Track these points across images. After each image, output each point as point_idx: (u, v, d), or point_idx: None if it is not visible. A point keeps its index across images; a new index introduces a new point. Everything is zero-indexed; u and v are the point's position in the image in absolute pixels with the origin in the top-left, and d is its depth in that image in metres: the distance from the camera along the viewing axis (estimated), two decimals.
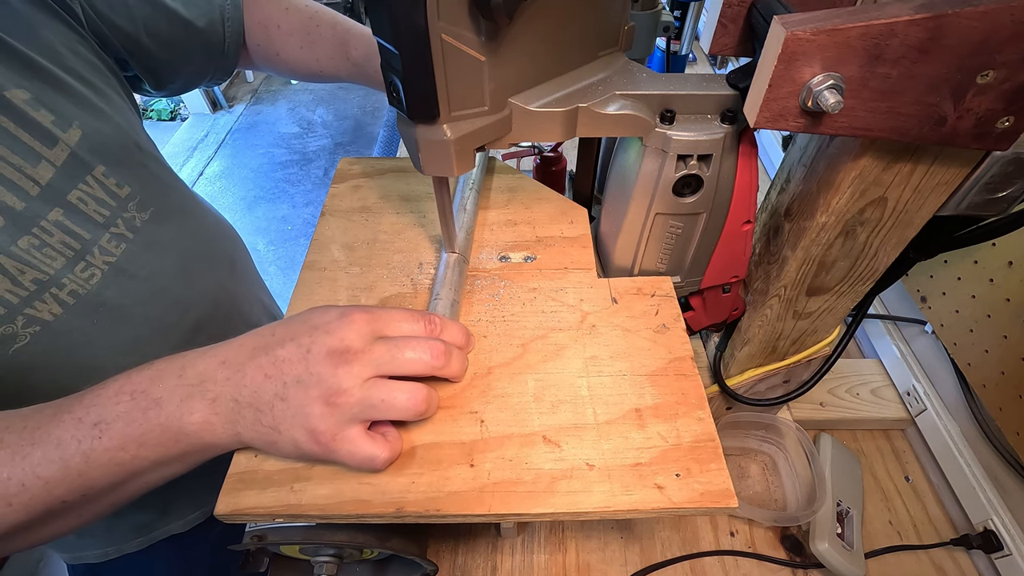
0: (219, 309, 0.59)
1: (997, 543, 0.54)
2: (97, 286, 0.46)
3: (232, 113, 3.10)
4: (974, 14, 0.26)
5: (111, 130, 0.47)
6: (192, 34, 0.54)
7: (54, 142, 0.42)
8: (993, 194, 0.36)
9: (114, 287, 0.47)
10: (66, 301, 0.44)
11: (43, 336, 0.43)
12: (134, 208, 0.49)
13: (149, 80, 0.54)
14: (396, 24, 0.29)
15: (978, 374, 0.57)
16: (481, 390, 0.39)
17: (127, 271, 0.48)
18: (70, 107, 0.43)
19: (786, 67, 0.29)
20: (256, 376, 0.32)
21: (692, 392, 0.39)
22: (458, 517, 0.34)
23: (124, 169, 0.48)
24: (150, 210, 0.50)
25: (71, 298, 0.44)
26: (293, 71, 0.63)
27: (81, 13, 0.46)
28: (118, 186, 0.47)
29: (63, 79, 0.43)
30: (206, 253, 0.59)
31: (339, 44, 0.59)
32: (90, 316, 0.45)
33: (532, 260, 0.49)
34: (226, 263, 0.63)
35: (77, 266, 0.44)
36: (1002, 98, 0.29)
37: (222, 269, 0.62)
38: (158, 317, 0.51)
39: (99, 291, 0.46)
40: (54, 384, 0.44)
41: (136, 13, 0.50)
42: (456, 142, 0.35)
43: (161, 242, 0.51)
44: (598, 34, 0.39)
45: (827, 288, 0.46)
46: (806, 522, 0.57)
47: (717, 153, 0.39)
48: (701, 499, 0.34)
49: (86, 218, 0.45)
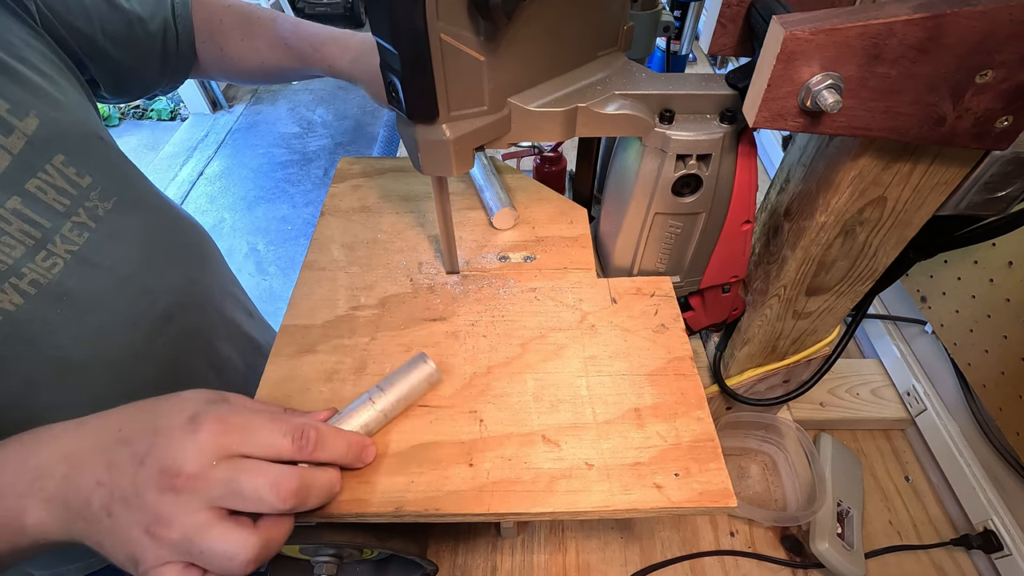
0: (190, 299, 0.58)
1: (997, 543, 0.54)
2: (59, 275, 0.45)
3: (232, 113, 3.10)
4: (973, 14, 0.26)
5: (70, 120, 0.46)
6: (147, 34, 0.54)
7: (9, 130, 0.41)
8: (992, 194, 0.36)
9: (77, 276, 0.46)
10: (27, 291, 0.43)
11: (3, 326, 0.42)
12: (96, 197, 0.48)
13: (106, 84, 0.54)
14: (395, 24, 0.29)
15: (978, 374, 0.57)
16: (480, 389, 0.40)
17: (90, 260, 0.47)
18: (26, 96, 0.43)
19: (785, 67, 0.29)
20: (89, 481, 0.29)
21: (691, 392, 0.39)
22: (457, 516, 0.34)
23: (85, 159, 0.47)
24: (112, 200, 0.49)
25: (32, 288, 0.43)
26: (239, 67, 0.62)
27: (36, 11, 0.46)
28: (79, 175, 0.46)
29: (17, 69, 0.43)
30: (174, 244, 0.58)
31: (274, 30, 0.60)
32: (53, 306, 0.45)
33: (532, 260, 0.49)
34: (196, 256, 0.62)
35: (38, 255, 0.43)
36: (1001, 97, 0.29)
37: (192, 261, 0.61)
38: (124, 306, 0.50)
39: (61, 280, 0.45)
40: (19, 376, 0.44)
41: (92, 13, 0.50)
42: (455, 142, 0.35)
43: (125, 231, 0.51)
44: (597, 34, 0.39)
45: (827, 288, 0.46)
46: (806, 522, 0.57)
47: (716, 153, 0.39)
48: (700, 499, 0.34)
49: (46, 207, 0.44)
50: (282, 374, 0.40)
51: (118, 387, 0.49)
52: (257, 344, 0.72)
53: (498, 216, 0.51)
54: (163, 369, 0.54)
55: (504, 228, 0.52)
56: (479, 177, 0.55)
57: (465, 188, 0.56)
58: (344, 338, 0.43)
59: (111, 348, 0.49)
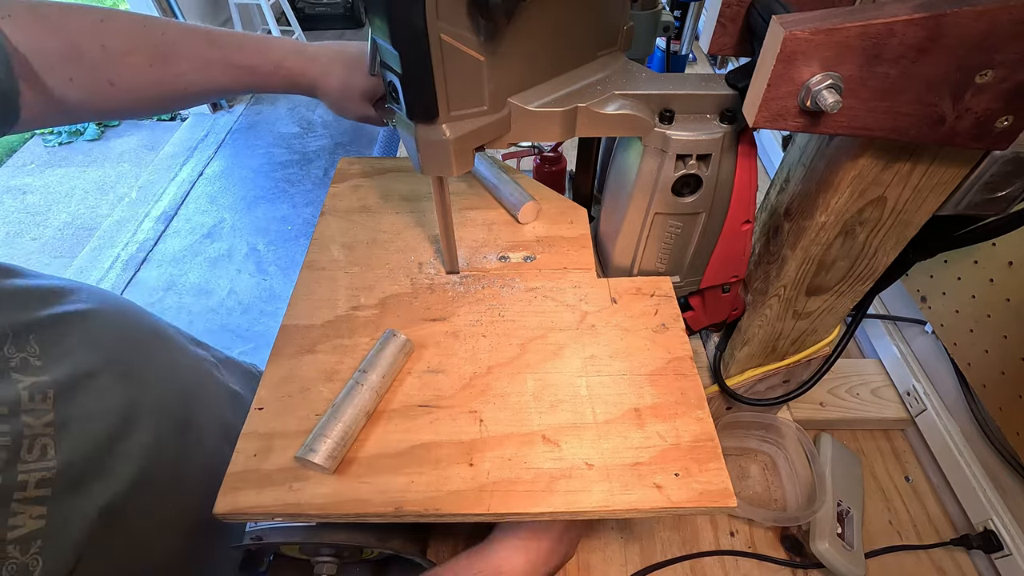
0: (189, 389, 0.50)
1: (997, 543, 0.54)
2: (61, 459, 0.36)
3: (232, 113, 3.10)
4: (972, 14, 0.26)
5: None
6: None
7: None
8: (992, 193, 0.36)
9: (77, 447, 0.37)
10: (43, 496, 0.34)
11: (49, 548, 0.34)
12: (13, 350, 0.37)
13: None
14: (395, 24, 0.29)
15: (978, 374, 0.57)
16: (480, 389, 0.40)
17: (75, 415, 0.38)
18: None
19: (785, 67, 0.29)
20: None
21: (691, 392, 0.39)
22: (457, 516, 0.34)
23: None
24: (31, 337, 0.38)
25: (44, 489, 0.34)
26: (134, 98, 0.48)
27: None
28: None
29: None
30: (134, 342, 0.47)
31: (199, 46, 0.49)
32: (76, 496, 0.36)
33: (532, 260, 0.49)
34: (152, 339, 0.51)
35: (21, 451, 0.34)
36: (1001, 97, 0.29)
37: (157, 348, 0.50)
38: (149, 432, 0.42)
39: (67, 463, 0.36)
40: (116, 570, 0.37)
41: None
42: (455, 142, 0.35)
43: (74, 355, 0.40)
44: (597, 34, 0.39)
45: (827, 288, 0.46)
46: (806, 522, 0.56)
47: (716, 153, 0.39)
48: (700, 499, 0.34)
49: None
50: (282, 374, 0.40)
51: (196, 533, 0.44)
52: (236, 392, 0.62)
53: (524, 211, 0.52)
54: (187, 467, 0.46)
55: (528, 222, 0.53)
56: (490, 176, 0.55)
57: (465, 188, 0.56)
58: (344, 338, 0.43)
59: (168, 482, 0.43)
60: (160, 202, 2.56)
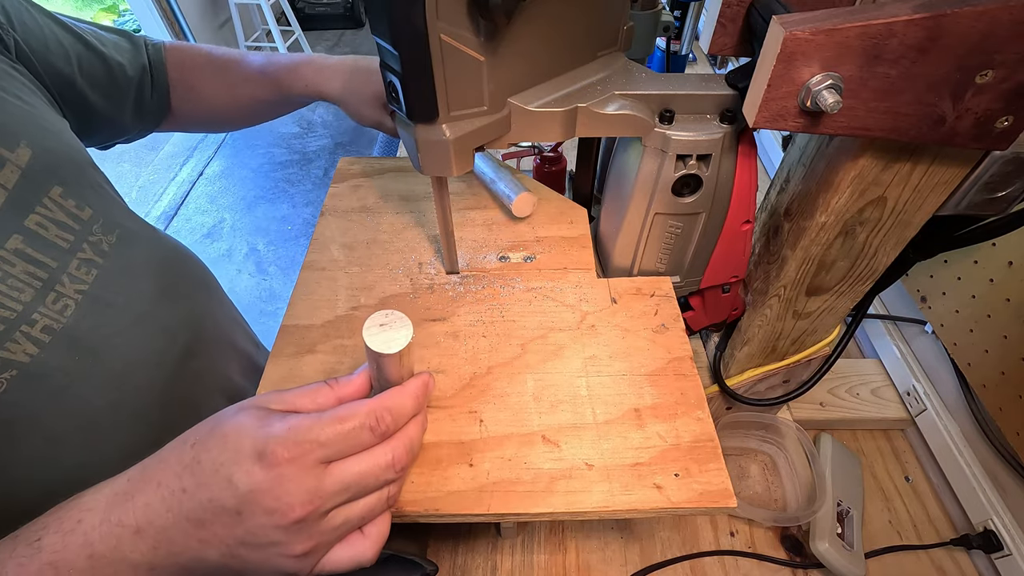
0: (205, 333, 0.55)
1: (997, 543, 0.54)
2: (72, 318, 0.41)
3: None
4: (973, 14, 0.26)
5: (62, 149, 0.43)
6: (125, 79, 0.53)
7: (2, 163, 0.38)
8: (993, 194, 0.36)
9: (91, 318, 0.42)
10: (40, 339, 0.39)
11: (20, 380, 0.38)
12: (99, 231, 0.44)
13: (74, 126, 0.49)
14: (395, 24, 0.29)
15: (978, 374, 0.57)
16: (480, 390, 0.40)
17: (103, 299, 0.43)
18: (14, 124, 0.40)
19: (785, 67, 0.29)
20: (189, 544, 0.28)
21: (691, 392, 0.39)
22: (457, 517, 0.34)
23: (82, 189, 0.44)
24: (116, 232, 0.46)
25: (45, 335, 0.39)
26: (211, 105, 0.60)
27: (13, 47, 0.44)
28: (78, 208, 0.43)
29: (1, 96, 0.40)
30: (181, 275, 0.55)
31: (244, 63, 0.59)
32: (70, 353, 0.41)
33: (532, 260, 0.49)
34: (202, 286, 0.59)
35: (47, 298, 0.40)
36: (1001, 98, 0.29)
37: (199, 292, 0.58)
38: (144, 346, 0.47)
39: (75, 323, 0.41)
40: (41, 435, 0.40)
41: (71, 54, 0.48)
42: (455, 142, 0.35)
43: (134, 265, 0.47)
44: (597, 34, 0.39)
45: (827, 288, 0.46)
46: (806, 522, 0.57)
47: (716, 153, 0.39)
48: (700, 499, 0.34)
49: (49, 244, 0.40)
50: (282, 374, 0.40)
51: (145, 436, 0.46)
52: None
53: (517, 202, 0.50)
54: (186, 410, 0.50)
55: (524, 215, 0.51)
56: (488, 171, 0.55)
57: (465, 188, 0.56)
58: (344, 338, 0.43)
59: (135, 393, 0.46)
60: (160, 202, 2.56)
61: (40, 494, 0.31)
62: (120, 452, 0.44)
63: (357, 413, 0.29)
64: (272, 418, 0.28)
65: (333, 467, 0.28)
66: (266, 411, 0.29)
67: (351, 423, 0.28)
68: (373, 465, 0.29)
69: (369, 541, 0.30)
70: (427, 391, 0.33)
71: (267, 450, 0.27)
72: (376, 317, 0.31)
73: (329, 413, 0.29)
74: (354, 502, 0.29)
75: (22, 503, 0.32)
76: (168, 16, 2.78)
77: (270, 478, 0.27)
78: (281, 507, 0.27)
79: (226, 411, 0.30)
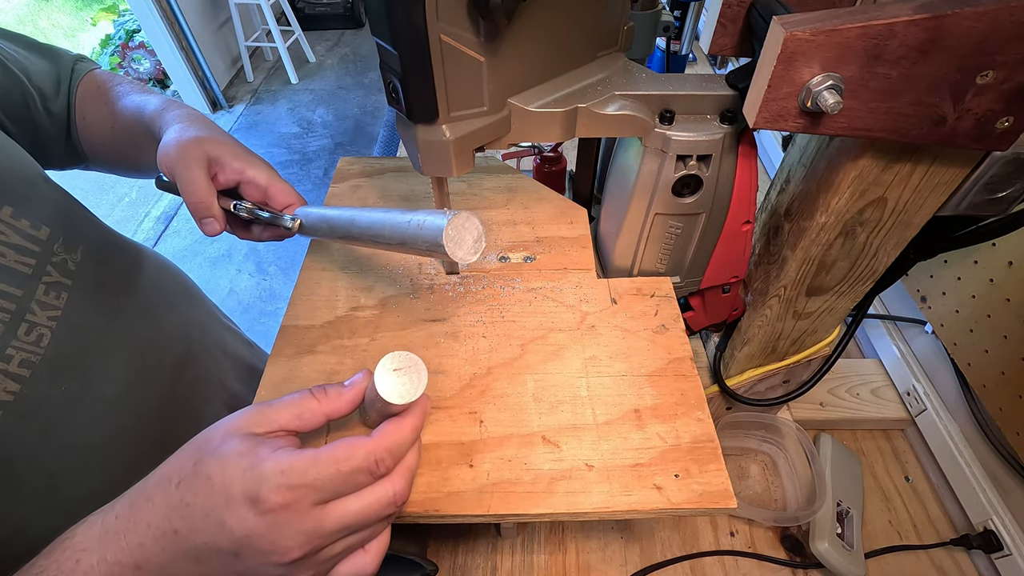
0: (194, 342, 0.54)
1: (997, 543, 0.54)
2: (51, 348, 0.39)
3: (232, 113, 3.10)
4: (973, 14, 0.26)
5: (7, 163, 0.40)
6: (40, 108, 0.49)
7: None
8: (993, 194, 0.36)
9: (71, 344, 0.40)
10: (19, 374, 0.37)
11: (8, 419, 0.36)
12: (61, 250, 0.41)
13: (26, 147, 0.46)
14: (395, 25, 0.29)
15: (978, 374, 0.57)
16: (480, 390, 0.39)
17: (79, 322, 0.41)
18: None
19: (785, 67, 0.29)
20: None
21: (691, 393, 0.39)
22: (457, 517, 0.34)
23: (35, 206, 0.40)
24: (80, 249, 0.43)
25: (24, 369, 0.37)
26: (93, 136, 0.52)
27: None
28: (34, 227, 0.40)
29: None
30: (159, 286, 0.52)
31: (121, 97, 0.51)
32: (55, 383, 0.39)
33: (532, 260, 0.49)
34: (183, 294, 0.57)
35: (19, 330, 0.37)
36: (1002, 98, 0.29)
37: (181, 301, 0.56)
38: (133, 365, 0.45)
39: (55, 353, 0.39)
40: (40, 471, 0.39)
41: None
42: (455, 142, 0.35)
43: (106, 282, 0.45)
44: (597, 34, 0.39)
45: (827, 288, 0.46)
46: (806, 522, 0.57)
47: (716, 153, 0.39)
48: (700, 500, 0.34)
49: (10, 272, 0.38)
50: (282, 375, 0.40)
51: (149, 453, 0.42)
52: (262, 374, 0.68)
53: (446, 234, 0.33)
54: (186, 424, 0.49)
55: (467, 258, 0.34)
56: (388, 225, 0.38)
57: (465, 188, 0.56)
58: (344, 339, 0.43)
59: (132, 415, 0.44)
60: (160, 202, 2.56)
61: (44, 531, 0.30)
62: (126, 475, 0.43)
63: (355, 455, 0.27)
64: (260, 451, 0.27)
65: (331, 507, 0.27)
66: (251, 441, 0.27)
67: (348, 465, 0.27)
68: (374, 502, 0.28)
69: (370, 556, 0.30)
70: (425, 416, 0.32)
71: (259, 496, 0.25)
72: (392, 359, 0.29)
73: (326, 453, 0.27)
74: (355, 534, 0.29)
75: (27, 541, 0.31)
76: (168, 16, 2.77)
77: (265, 523, 0.26)
78: (279, 550, 0.26)
79: (208, 439, 0.28)
